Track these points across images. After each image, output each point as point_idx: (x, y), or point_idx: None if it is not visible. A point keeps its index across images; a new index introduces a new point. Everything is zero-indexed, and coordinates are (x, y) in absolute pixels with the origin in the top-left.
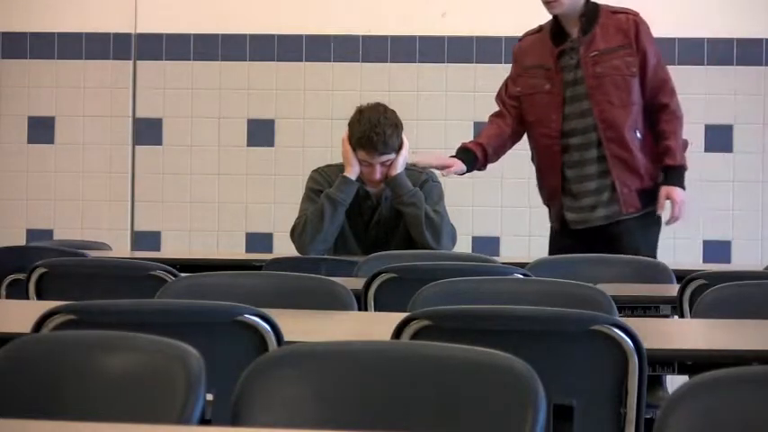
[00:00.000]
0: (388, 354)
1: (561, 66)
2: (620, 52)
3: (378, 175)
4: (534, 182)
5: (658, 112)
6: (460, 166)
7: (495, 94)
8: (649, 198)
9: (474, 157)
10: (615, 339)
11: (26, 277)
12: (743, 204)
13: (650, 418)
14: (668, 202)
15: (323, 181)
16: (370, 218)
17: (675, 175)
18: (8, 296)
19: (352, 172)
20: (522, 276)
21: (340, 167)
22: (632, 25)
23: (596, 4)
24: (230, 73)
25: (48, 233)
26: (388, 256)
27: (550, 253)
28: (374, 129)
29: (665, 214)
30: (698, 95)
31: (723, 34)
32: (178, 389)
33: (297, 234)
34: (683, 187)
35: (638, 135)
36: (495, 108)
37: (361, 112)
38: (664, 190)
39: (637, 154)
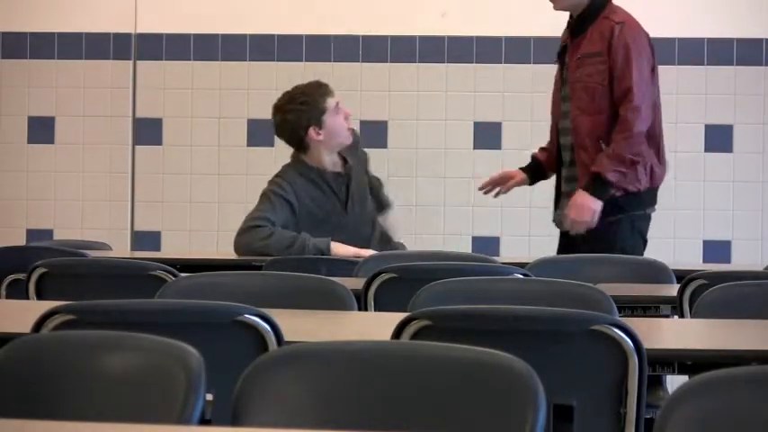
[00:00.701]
0: (388, 354)
1: (562, 62)
2: (596, 59)
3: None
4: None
5: (617, 121)
6: (521, 176)
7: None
8: (608, 208)
9: (537, 162)
10: (615, 339)
11: (26, 277)
12: (743, 204)
13: (650, 418)
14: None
15: (289, 188)
16: (347, 195)
17: (592, 182)
18: (8, 296)
19: (341, 254)
20: (522, 276)
21: (298, 169)
22: (609, 32)
23: (603, 4)
24: (230, 73)
25: (48, 233)
26: (388, 256)
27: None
28: (315, 81)
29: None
30: (698, 95)
31: (723, 34)
32: (178, 389)
33: (256, 238)
34: (596, 196)
35: (603, 145)
36: (494, 108)
37: (294, 91)
38: (575, 193)
39: None
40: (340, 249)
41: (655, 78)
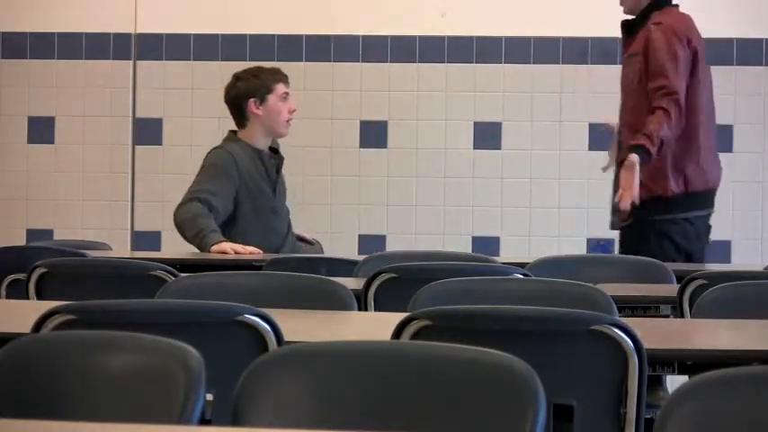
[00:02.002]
0: (388, 354)
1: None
2: (635, 59)
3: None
4: (533, 182)
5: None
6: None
7: None
8: (640, 208)
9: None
10: (615, 339)
11: (26, 277)
12: (743, 204)
13: (650, 418)
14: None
15: (230, 159)
16: (277, 175)
17: (630, 149)
18: (8, 296)
19: (222, 251)
20: (522, 276)
21: (239, 144)
22: (647, 33)
23: (659, 6)
24: (230, 73)
25: (48, 233)
26: (388, 256)
27: None
28: (276, 68)
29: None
30: None
31: (723, 34)
32: (178, 389)
33: (186, 211)
34: (636, 152)
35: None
36: (494, 108)
37: (253, 68)
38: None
39: None
40: (222, 246)
41: (695, 80)
